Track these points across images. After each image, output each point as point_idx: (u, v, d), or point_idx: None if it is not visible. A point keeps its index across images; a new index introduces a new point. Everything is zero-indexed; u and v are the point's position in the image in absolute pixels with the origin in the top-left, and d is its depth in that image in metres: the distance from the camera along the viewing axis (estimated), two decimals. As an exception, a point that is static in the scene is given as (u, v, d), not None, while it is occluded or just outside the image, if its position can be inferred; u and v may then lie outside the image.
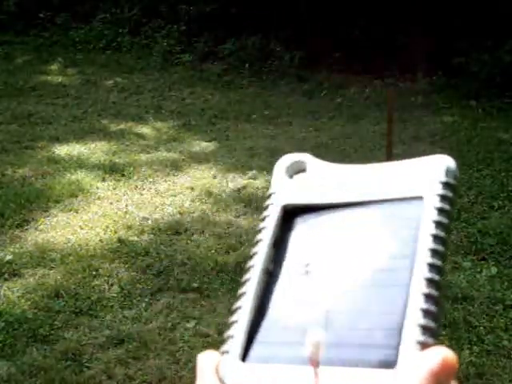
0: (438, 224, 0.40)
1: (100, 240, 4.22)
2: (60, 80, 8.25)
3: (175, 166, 5.50)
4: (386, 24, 8.21)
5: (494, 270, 3.90)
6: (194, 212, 4.65)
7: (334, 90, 7.83)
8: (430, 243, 0.39)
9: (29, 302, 3.57)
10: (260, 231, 0.45)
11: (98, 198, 4.84)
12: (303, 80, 8.14)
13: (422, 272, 0.38)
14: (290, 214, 0.45)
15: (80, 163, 5.51)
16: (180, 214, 4.62)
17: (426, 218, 0.40)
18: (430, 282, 0.38)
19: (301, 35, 8.73)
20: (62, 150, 5.83)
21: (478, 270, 3.92)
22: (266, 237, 0.44)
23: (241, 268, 3.90)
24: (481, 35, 7.70)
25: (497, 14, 7.76)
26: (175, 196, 4.91)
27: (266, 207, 0.46)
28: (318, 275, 0.42)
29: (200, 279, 3.80)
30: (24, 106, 7.10)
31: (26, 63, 8.98)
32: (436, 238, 0.40)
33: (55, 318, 3.46)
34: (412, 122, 6.59)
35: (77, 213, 4.60)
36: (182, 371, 3.05)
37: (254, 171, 5.32)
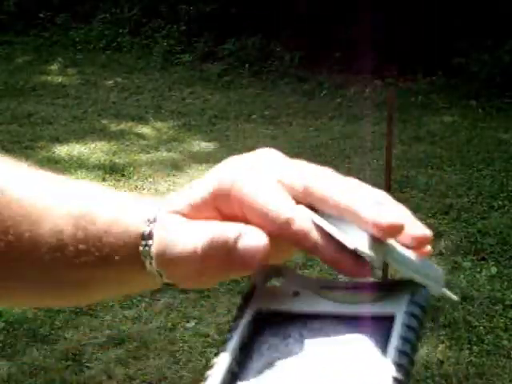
0: (405, 340, 0.41)
1: (100, 240, 4.22)
2: (60, 80, 8.26)
3: (175, 166, 5.50)
4: (385, 24, 8.21)
5: (493, 269, 3.90)
6: (194, 212, 4.65)
7: (333, 89, 7.83)
8: (396, 358, 0.41)
9: (29, 302, 3.57)
10: (230, 330, 0.45)
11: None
12: (303, 80, 8.14)
13: None
14: (263, 319, 0.46)
15: (80, 163, 5.51)
16: (180, 214, 4.62)
17: (394, 334, 0.42)
18: None
19: (301, 35, 8.73)
20: (62, 150, 5.83)
21: (478, 269, 3.92)
22: (235, 337, 0.45)
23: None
24: (481, 35, 7.70)
25: (497, 14, 7.76)
26: (175, 196, 4.91)
27: (241, 308, 0.47)
28: (281, 381, 0.42)
29: (200, 279, 3.80)
30: (24, 106, 7.11)
31: (26, 63, 8.98)
32: (402, 353, 0.41)
33: (55, 318, 3.46)
34: (412, 122, 6.59)
35: (77, 213, 4.60)
36: (182, 371, 3.06)
37: (254, 171, 5.31)
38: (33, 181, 0.58)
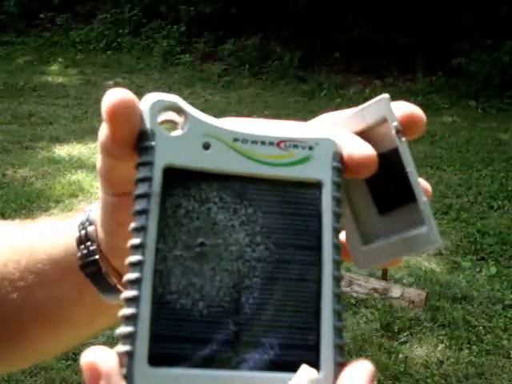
0: (337, 216, 0.38)
1: (100, 240, 4.22)
2: (60, 80, 8.26)
3: (175, 166, 5.50)
4: (386, 24, 8.21)
5: (493, 269, 3.91)
6: (194, 212, 4.65)
7: (333, 90, 7.83)
8: (333, 238, 0.38)
9: (29, 302, 3.58)
10: (142, 197, 0.36)
11: (99, 198, 4.84)
12: (303, 80, 8.15)
13: (330, 270, 0.37)
14: (173, 178, 0.37)
15: (80, 163, 5.52)
16: (180, 214, 4.63)
17: (325, 208, 0.38)
18: (336, 279, 0.37)
19: (301, 35, 8.74)
20: (62, 150, 5.84)
21: (478, 269, 3.93)
22: (152, 208, 0.36)
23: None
24: (481, 35, 7.71)
25: (496, 14, 7.76)
26: (175, 196, 4.91)
27: (144, 164, 0.38)
28: (214, 258, 0.37)
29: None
30: (24, 106, 7.11)
31: (27, 63, 8.99)
32: (336, 230, 0.38)
33: (55, 318, 3.46)
34: (412, 122, 6.59)
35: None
36: (182, 371, 3.06)
37: (253, 171, 5.32)
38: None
